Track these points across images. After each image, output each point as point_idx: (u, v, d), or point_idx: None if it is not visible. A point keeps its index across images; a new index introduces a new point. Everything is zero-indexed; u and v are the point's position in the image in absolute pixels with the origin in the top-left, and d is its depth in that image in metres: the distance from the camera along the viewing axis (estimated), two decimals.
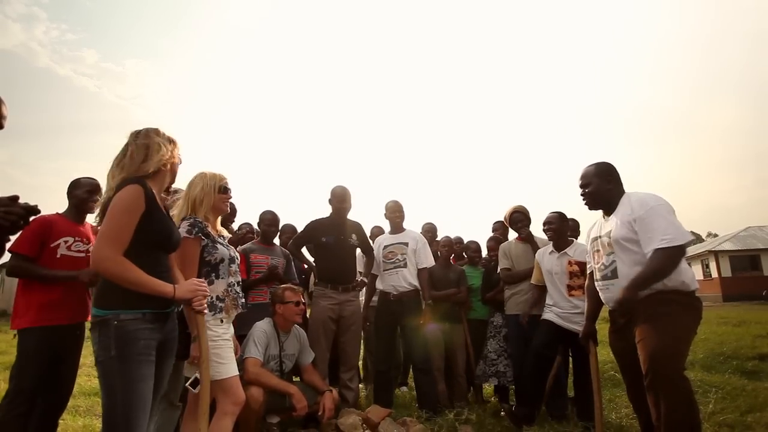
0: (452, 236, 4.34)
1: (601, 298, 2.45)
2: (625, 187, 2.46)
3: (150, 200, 1.66)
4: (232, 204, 3.46)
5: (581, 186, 2.51)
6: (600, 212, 2.54)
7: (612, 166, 2.48)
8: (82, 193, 2.60)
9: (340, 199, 3.70)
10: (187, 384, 2.02)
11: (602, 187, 2.43)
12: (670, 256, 2.10)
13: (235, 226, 3.87)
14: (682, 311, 2.12)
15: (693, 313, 2.17)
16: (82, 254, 2.56)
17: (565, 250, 3.27)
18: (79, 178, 2.65)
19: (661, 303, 2.13)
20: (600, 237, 2.42)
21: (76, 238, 2.54)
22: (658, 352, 2.02)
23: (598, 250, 2.44)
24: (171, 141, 1.84)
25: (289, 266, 3.65)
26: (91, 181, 2.63)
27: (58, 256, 2.45)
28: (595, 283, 2.48)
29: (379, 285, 3.90)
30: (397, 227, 3.90)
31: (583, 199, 2.51)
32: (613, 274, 2.30)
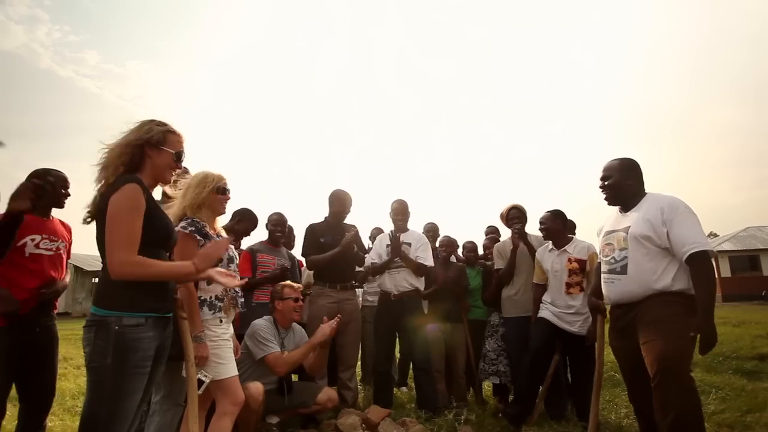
0: (450, 237, 4.33)
1: (604, 291, 2.43)
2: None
3: (148, 199, 1.63)
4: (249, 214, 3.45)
5: (601, 178, 2.48)
6: (615, 208, 2.52)
7: (635, 162, 2.46)
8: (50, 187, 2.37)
9: (341, 203, 3.75)
10: None
11: (623, 181, 2.40)
12: (708, 258, 2.10)
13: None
14: (686, 313, 2.12)
15: (694, 315, 2.17)
16: (51, 252, 2.39)
17: (565, 248, 3.27)
18: (46, 170, 2.43)
19: (665, 305, 2.13)
20: (616, 231, 2.39)
21: (44, 236, 2.37)
22: (666, 354, 2.02)
23: (610, 244, 2.41)
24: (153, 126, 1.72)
25: (294, 268, 3.66)
26: (59, 174, 2.45)
27: (27, 255, 2.30)
28: (601, 276, 2.46)
29: (379, 284, 3.89)
30: (401, 228, 3.90)
31: (603, 192, 2.49)
32: (623, 270, 2.28)
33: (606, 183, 2.45)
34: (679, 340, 2.05)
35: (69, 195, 2.47)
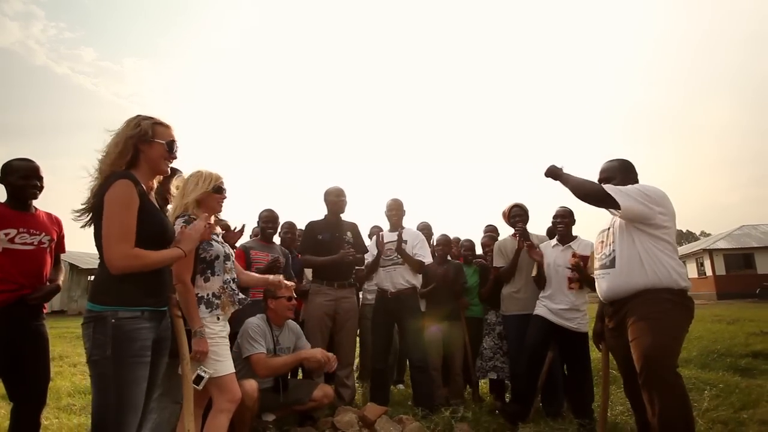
0: (451, 237, 4.34)
1: (597, 288, 2.47)
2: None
3: (141, 194, 1.64)
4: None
5: (604, 178, 2.47)
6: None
7: (632, 164, 2.49)
8: (15, 179, 2.26)
9: (336, 195, 3.76)
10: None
11: (626, 183, 2.40)
12: (594, 186, 2.31)
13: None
14: (674, 310, 2.15)
15: (685, 311, 2.19)
16: (31, 247, 2.26)
17: (570, 244, 3.33)
18: (11, 162, 2.29)
19: (653, 302, 2.15)
20: (607, 229, 2.44)
21: (21, 229, 2.23)
22: (651, 350, 2.05)
23: (602, 241, 2.46)
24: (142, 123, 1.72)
25: (287, 265, 3.66)
26: (26, 164, 2.29)
27: (0, 250, 2.18)
28: (594, 273, 2.50)
29: (376, 282, 3.90)
30: (395, 225, 3.90)
31: None
32: (612, 264, 2.32)
33: (611, 183, 2.41)
34: (665, 337, 2.07)
35: (38, 185, 2.32)
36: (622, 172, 2.44)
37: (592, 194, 2.30)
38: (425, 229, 4.44)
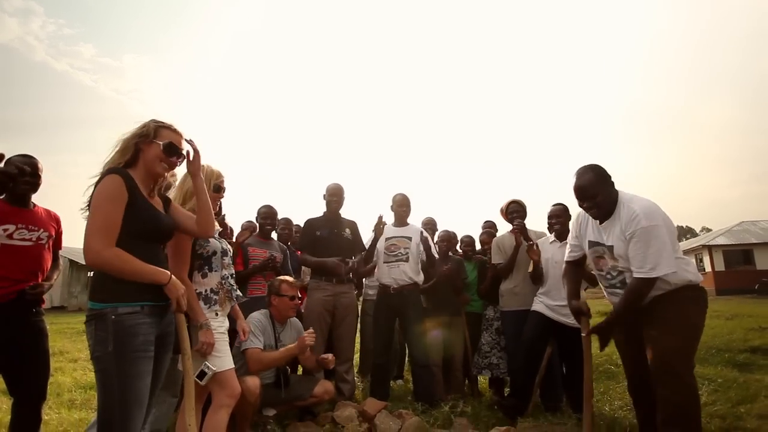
0: (450, 232, 4.34)
1: (609, 301, 2.45)
2: (621, 185, 2.35)
3: (132, 189, 1.63)
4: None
5: (587, 197, 2.28)
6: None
7: (603, 167, 2.34)
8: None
9: (333, 194, 3.80)
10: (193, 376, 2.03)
11: (610, 192, 2.28)
12: (645, 286, 2.14)
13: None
14: (693, 306, 2.15)
15: (702, 305, 2.20)
16: (29, 243, 2.28)
17: (567, 240, 3.30)
18: (11, 157, 2.29)
19: (671, 302, 2.15)
20: (601, 245, 2.33)
21: (19, 225, 2.25)
22: (668, 350, 2.05)
23: (601, 257, 2.36)
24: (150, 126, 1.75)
25: (286, 261, 3.66)
26: (19, 160, 2.28)
27: None
28: (603, 289, 2.45)
29: (378, 277, 3.90)
30: (401, 221, 3.90)
31: (590, 210, 2.32)
32: (622, 285, 2.28)
33: (596, 201, 2.26)
34: (685, 338, 2.08)
35: (29, 182, 2.29)
36: (601, 184, 2.27)
37: (646, 292, 2.15)
38: (430, 224, 4.47)
